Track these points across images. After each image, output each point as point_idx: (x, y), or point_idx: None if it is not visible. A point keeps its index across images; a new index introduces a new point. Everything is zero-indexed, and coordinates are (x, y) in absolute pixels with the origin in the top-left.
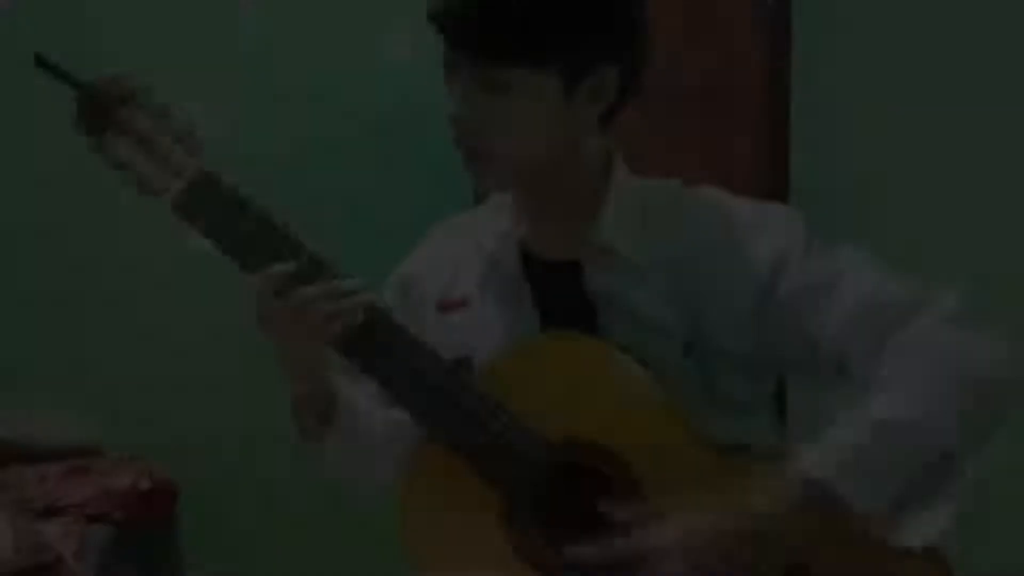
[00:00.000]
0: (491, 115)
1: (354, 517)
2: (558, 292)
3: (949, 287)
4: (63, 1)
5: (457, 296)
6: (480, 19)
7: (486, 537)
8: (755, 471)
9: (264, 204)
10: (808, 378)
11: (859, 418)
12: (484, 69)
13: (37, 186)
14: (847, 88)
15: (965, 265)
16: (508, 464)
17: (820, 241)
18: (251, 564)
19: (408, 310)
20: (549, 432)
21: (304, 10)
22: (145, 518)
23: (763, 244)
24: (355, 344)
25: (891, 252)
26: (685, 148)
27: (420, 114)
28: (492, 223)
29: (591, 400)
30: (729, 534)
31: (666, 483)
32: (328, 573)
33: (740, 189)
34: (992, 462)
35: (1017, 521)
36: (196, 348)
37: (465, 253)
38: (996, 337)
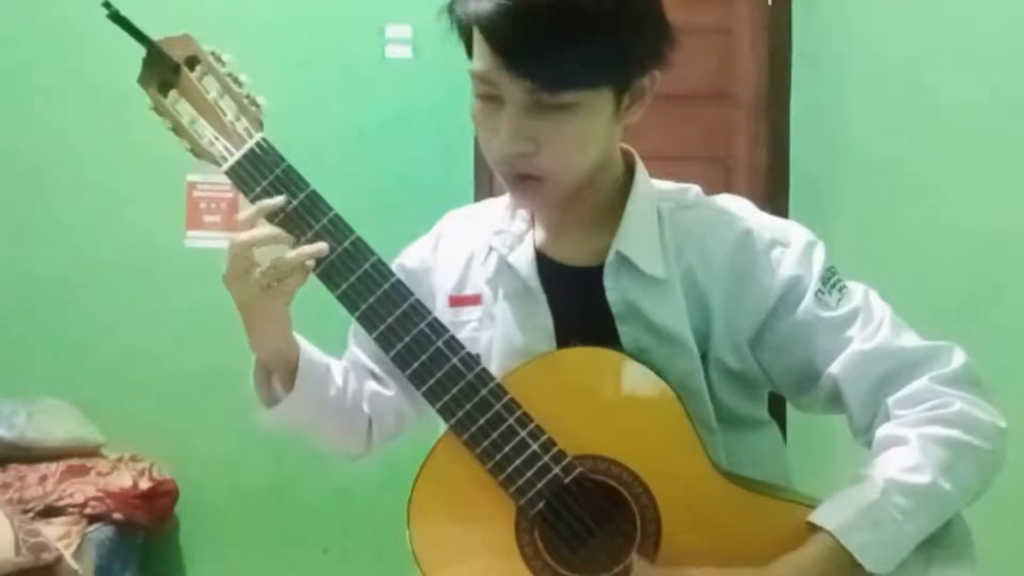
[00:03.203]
0: (549, 137)
1: (357, 518)
2: (576, 299)
3: (956, 346)
4: None
5: (469, 292)
6: (550, 50)
7: (495, 546)
8: (765, 509)
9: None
10: (800, 400)
11: (874, 483)
12: (542, 94)
13: (38, 184)
14: (847, 88)
15: (965, 263)
16: (525, 471)
17: (837, 274)
18: (251, 564)
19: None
20: (568, 445)
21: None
22: (145, 518)
23: (778, 271)
24: (374, 314)
25: (890, 250)
26: (685, 148)
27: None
28: (505, 222)
29: (613, 416)
30: None
31: (682, 508)
32: (329, 573)
33: (740, 188)
34: None
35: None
36: (197, 348)
37: (478, 248)
38: (994, 400)
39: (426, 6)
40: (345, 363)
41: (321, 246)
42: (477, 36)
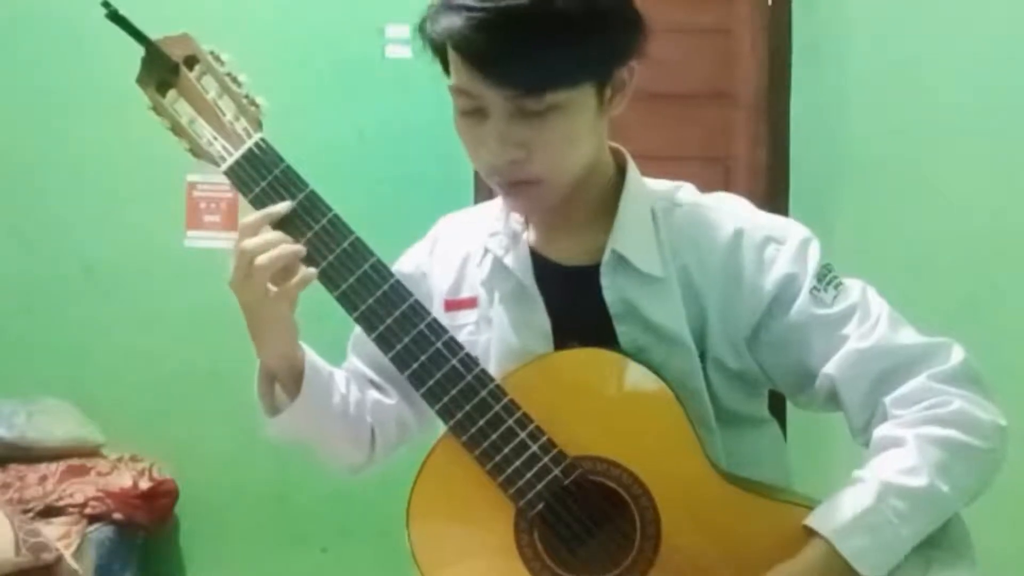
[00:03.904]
0: (539, 140)
1: (356, 518)
2: (573, 299)
3: (955, 342)
4: None
5: (465, 295)
6: (517, 55)
7: (495, 547)
8: (763, 510)
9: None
10: (798, 398)
11: (870, 486)
12: (525, 99)
13: (38, 184)
14: (847, 88)
15: (965, 263)
16: (525, 472)
17: (833, 271)
18: (251, 564)
19: None
20: (567, 446)
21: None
22: (145, 518)
23: (772, 269)
24: (373, 313)
25: (890, 250)
26: (685, 148)
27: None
28: (501, 223)
29: (612, 417)
30: None
31: (681, 509)
32: (328, 573)
33: (740, 188)
34: None
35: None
36: (197, 348)
37: (474, 251)
38: (994, 397)
39: (426, 6)
40: (346, 373)
41: (299, 247)
42: (452, 52)
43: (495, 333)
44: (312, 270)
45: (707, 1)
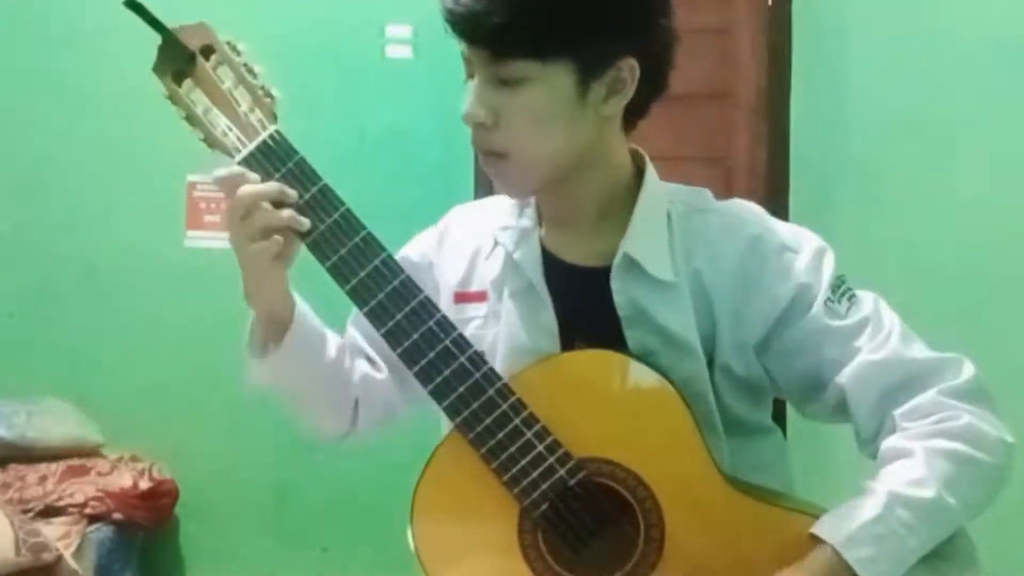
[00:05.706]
0: (506, 111)
1: (357, 518)
2: (582, 299)
3: (965, 358)
4: None
5: (475, 289)
6: (490, 14)
7: (498, 546)
8: (768, 517)
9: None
10: (806, 408)
11: (878, 496)
12: (497, 66)
13: (38, 184)
14: (847, 87)
15: (965, 263)
16: (530, 472)
17: (847, 283)
18: (251, 564)
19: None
20: (573, 447)
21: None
22: (145, 518)
23: (786, 277)
24: (378, 306)
25: (890, 251)
26: (685, 148)
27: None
28: (512, 218)
29: (618, 419)
30: None
31: (686, 513)
32: (329, 573)
33: (740, 188)
34: None
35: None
36: (197, 348)
37: (484, 243)
38: (1000, 413)
39: (426, 6)
40: (343, 341)
41: (304, 220)
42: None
43: (503, 329)
44: (292, 192)
45: (707, 1)
